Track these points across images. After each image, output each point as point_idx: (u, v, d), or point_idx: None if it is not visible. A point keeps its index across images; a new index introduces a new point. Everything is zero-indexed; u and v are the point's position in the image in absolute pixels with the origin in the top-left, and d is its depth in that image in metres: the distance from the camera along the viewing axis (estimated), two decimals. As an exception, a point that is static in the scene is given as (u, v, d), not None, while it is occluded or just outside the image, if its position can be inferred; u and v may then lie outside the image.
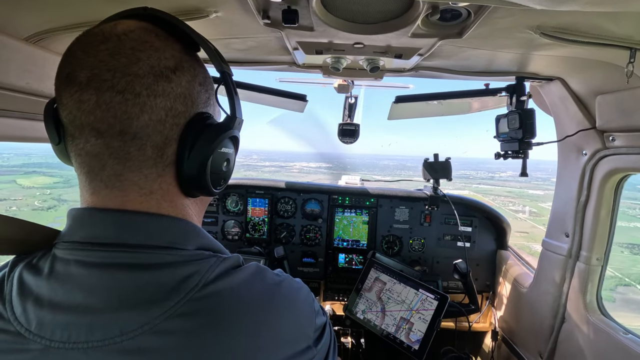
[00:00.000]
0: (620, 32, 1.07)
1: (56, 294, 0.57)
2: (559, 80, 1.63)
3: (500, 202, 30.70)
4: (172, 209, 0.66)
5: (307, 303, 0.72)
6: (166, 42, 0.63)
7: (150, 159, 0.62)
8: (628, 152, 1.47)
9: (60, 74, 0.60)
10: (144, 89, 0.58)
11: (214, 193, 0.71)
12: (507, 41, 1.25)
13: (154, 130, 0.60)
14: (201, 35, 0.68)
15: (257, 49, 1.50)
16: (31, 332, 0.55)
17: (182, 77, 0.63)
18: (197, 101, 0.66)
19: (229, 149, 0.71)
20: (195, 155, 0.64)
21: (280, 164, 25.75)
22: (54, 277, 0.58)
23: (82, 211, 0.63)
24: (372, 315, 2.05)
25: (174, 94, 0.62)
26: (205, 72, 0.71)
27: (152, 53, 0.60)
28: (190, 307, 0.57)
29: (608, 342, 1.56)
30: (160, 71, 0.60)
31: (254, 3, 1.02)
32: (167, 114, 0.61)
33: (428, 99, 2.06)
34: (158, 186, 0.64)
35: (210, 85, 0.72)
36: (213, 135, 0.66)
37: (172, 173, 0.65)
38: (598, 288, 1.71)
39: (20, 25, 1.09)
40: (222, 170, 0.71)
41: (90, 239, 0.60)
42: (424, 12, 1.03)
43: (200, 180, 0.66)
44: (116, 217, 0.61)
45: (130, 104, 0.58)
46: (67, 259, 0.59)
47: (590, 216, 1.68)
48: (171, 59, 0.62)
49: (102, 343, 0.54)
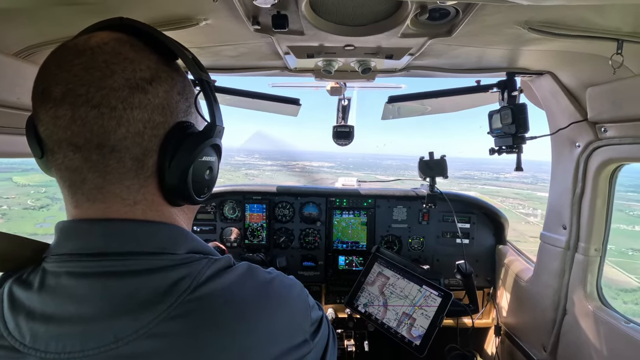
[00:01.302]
0: (607, 24, 1.09)
1: (48, 306, 0.57)
2: (549, 74, 1.65)
3: (509, 205, 30.01)
4: (159, 217, 0.66)
5: (300, 298, 0.73)
6: (141, 53, 0.63)
7: (130, 170, 0.61)
8: (620, 142, 1.48)
9: (35, 90, 0.60)
10: (120, 102, 0.58)
11: (198, 202, 0.71)
12: (496, 37, 1.26)
13: (133, 143, 0.60)
14: (178, 43, 0.68)
15: (248, 55, 1.50)
16: (26, 346, 0.55)
17: (159, 87, 0.63)
18: (176, 111, 0.66)
19: (210, 157, 0.71)
20: (176, 166, 0.64)
21: (282, 162, 26.04)
22: (44, 290, 0.58)
23: (69, 223, 0.63)
24: (374, 309, 2.04)
25: (152, 105, 0.61)
26: (184, 81, 0.70)
27: (126, 65, 0.60)
28: (184, 309, 0.57)
29: (610, 332, 1.56)
30: (135, 83, 0.60)
31: (244, 9, 1.02)
32: (145, 125, 0.61)
33: (420, 98, 2.07)
34: (142, 197, 0.64)
35: (191, 93, 0.71)
36: (193, 144, 0.66)
37: (154, 184, 0.65)
38: (598, 278, 1.72)
39: (10, 40, 1.09)
40: (204, 179, 0.70)
41: (79, 250, 0.60)
42: (413, 12, 1.03)
43: (183, 190, 0.66)
44: (103, 226, 0.61)
45: (107, 117, 0.57)
46: (57, 272, 0.59)
47: (586, 207, 1.69)
48: (147, 70, 0.62)
49: (98, 351, 0.54)
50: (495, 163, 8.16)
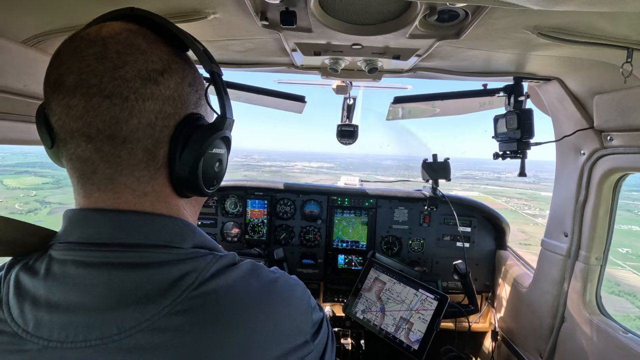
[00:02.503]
0: (617, 32, 1.08)
1: (53, 294, 0.57)
2: (557, 81, 1.64)
3: (515, 205, 29.32)
4: (167, 209, 0.67)
5: (303, 299, 0.73)
6: (153, 44, 0.63)
7: (141, 162, 0.62)
8: (626, 151, 1.47)
9: (48, 79, 0.60)
10: (132, 92, 0.58)
11: (207, 193, 0.71)
12: (504, 41, 1.25)
13: (144, 134, 0.60)
14: (189, 35, 0.68)
15: (255, 50, 1.50)
16: (28, 333, 0.55)
17: (171, 79, 0.63)
18: (187, 102, 0.66)
19: (220, 150, 0.71)
20: (186, 157, 0.64)
21: (281, 163, 25.47)
22: (50, 278, 0.59)
23: (78, 212, 0.63)
24: (372, 315, 2.04)
25: (163, 97, 0.62)
26: (195, 73, 0.70)
27: (138, 56, 0.60)
28: (188, 305, 0.57)
29: (608, 342, 1.56)
30: (147, 74, 0.60)
31: (252, 4, 1.02)
32: (157, 116, 0.61)
33: (426, 100, 2.07)
34: (151, 188, 0.64)
35: (201, 85, 0.72)
36: (203, 136, 0.66)
37: (164, 175, 0.65)
38: (597, 287, 1.71)
39: (18, 28, 1.09)
40: (214, 171, 0.71)
41: (86, 239, 0.60)
42: (422, 13, 1.03)
43: (192, 181, 0.66)
44: (112, 217, 0.61)
45: (119, 108, 0.58)
46: (63, 260, 0.59)
47: (589, 216, 1.68)
48: (159, 62, 0.62)
49: (101, 342, 0.55)
50: (497, 163, 8.10)
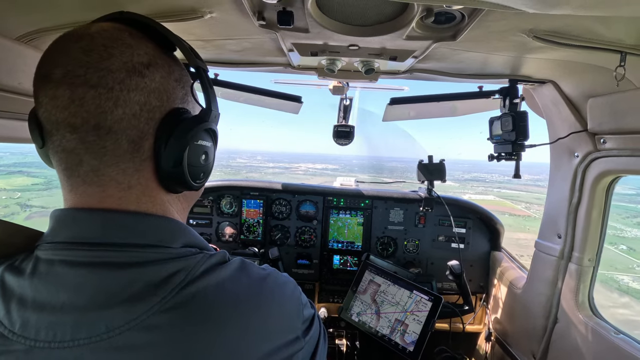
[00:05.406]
0: (611, 36, 1.09)
1: (40, 294, 0.57)
2: (551, 83, 1.65)
3: (535, 212, 27.41)
4: (152, 204, 0.66)
5: (293, 296, 0.73)
6: (140, 40, 0.64)
7: (126, 152, 0.62)
8: (619, 154, 1.49)
9: (37, 75, 0.61)
10: (117, 83, 0.59)
11: (194, 187, 0.71)
12: (500, 44, 1.26)
13: (129, 124, 0.61)
14: (174, 34, 0.69)
15: (252, 50, 1.50)
16: (14, 333, 0.55)
17: (156, 72, 0.64)
18: (173, 97, 0.67)
19: (206, 142, 0.71)
20: (171, 148, 0.65)
21: (285, 165, 25.13)
22: (37, 278, 0.58)
23: (65, 212, 0.62)
24: (367, 318, 2.05)
25: (148, 89, 0.62)
26: (182, 70, 0.71)
27: (124, 49, 0.61)
28: (177, 303, 0.57)
29: (600, 342, 1.57)
30: (133, 66, 0.61)
31: (249, 4, 1.02)
32: (142, 108, 0.62)
33: (422, 101, 2.07)
34: (136, 181, 0.64)
35: (188, 83, 0.73)
36: (188, 127, 0.66)
37: (150, 168, 0.65)
38: (590, 289, 1.73)
39: (12, 25, 1.08)
40: (200, 164, 0.71)
41: (75, 239, 0.60)
42: (419, 14, 1.03)
43: (178, 174, 0.66)
44: (101, 216, 0.61)
45: (104, 98, 0.58)
46: (51, 260, 0.59)
47: (582, 218, 1.70)
48: (144, 56, 0.63)
49: (89, 340, 0.54)
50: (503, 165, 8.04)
